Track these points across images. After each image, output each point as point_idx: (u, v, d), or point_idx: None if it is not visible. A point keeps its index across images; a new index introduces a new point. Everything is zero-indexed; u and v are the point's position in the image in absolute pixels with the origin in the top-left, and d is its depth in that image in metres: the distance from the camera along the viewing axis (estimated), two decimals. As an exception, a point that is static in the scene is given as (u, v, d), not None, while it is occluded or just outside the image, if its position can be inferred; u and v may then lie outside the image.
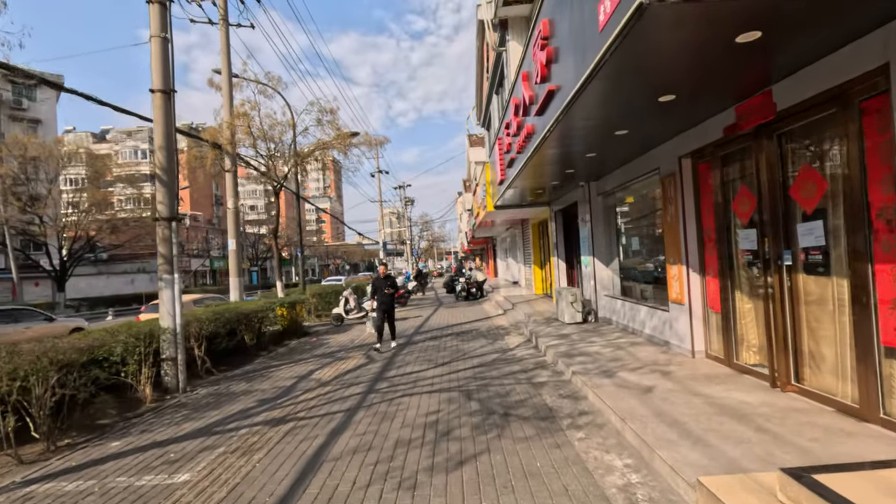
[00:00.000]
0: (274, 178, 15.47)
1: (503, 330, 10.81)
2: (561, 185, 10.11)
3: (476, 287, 20.26)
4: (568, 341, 7.84)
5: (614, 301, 9.06)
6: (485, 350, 8.48)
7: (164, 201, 7.29)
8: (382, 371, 7.40)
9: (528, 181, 9.21)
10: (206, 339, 8.32)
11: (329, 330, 13.17)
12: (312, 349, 10.09)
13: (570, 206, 11.86)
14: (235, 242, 13.07)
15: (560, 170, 8.16)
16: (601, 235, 9.60)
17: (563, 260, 12.91)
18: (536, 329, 9.38)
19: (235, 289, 13.02)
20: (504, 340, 9.35)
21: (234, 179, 13.04)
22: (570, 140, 6.08)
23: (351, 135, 15.96)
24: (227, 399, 6.39)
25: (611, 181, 8.81)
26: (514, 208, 13.55)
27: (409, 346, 9.45)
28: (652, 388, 4.88)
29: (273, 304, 11.17)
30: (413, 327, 12.35)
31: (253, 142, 13.55)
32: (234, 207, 13.10)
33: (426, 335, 10.82)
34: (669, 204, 6.41)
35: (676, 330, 6.45)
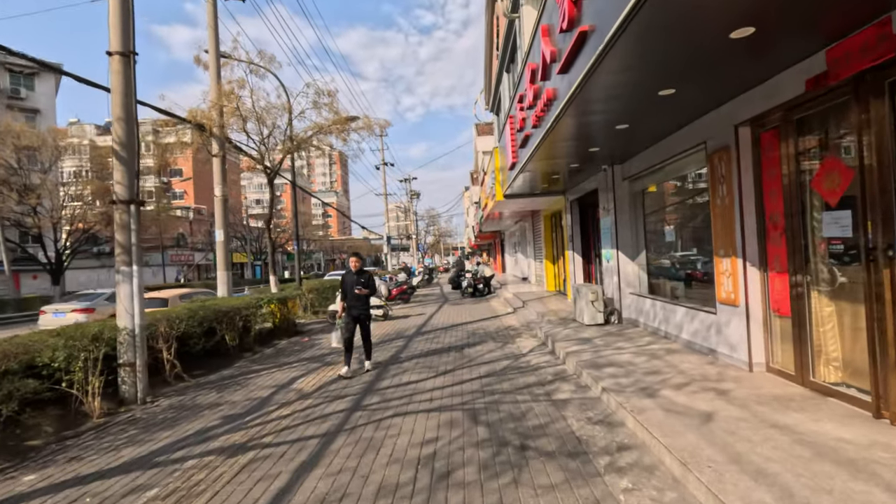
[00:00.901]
0: (268, 165, 14.44)
1: (514, 331, 9.73)
2: (579, 170, 8.99)
3: (483, 283, 19.18)
4: (591, 347, 6.75)
5: (642, 300, 7.94)
6: (494, 355, 7.41)
7: (123, 181, 6.28)
8: (374, 381, 6.36)
9: (544, 163, 8.10)
10: (177, 340, 7.35)
11: (324, 328, 12.17)
12: (302, 351, 9.08)
13: (589, 195, 10.73)
14: (223, 233, 12.08)
15: (582, 148, 7.04)
16: (626, 226, 8.47)
17: (580, 254, 11.79)
18: (552, 331, 8.29)
19: (223, 283, 12.04)
20: (515, 344, 8.27)
21: (222, 165, 12.04)
22: (600, 104, 4.97)
23: (349, 119, 14.89)
24: (189, 414, 5.38)
25: (639, 163, 7.68)
26: (525, 197, 12.43)
27: (408, 350, 8.41)
28: (712, 415, 3.79)
29: (261, 300, 10.18)
30: (414, 326, 11.31)
31: (243, 124, 12.52)
32: (222, 195, 12.10)
33: (428, 336, 9.77)
34: (719, 184, 5.28)
35: (726, 336, 5.33)
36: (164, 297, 12.73)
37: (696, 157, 5.98)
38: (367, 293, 6.81)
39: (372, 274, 7.02)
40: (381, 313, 12.82)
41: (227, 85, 11.65)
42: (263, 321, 10.05)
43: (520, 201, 13.22)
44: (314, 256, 78.16)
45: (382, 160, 37.87)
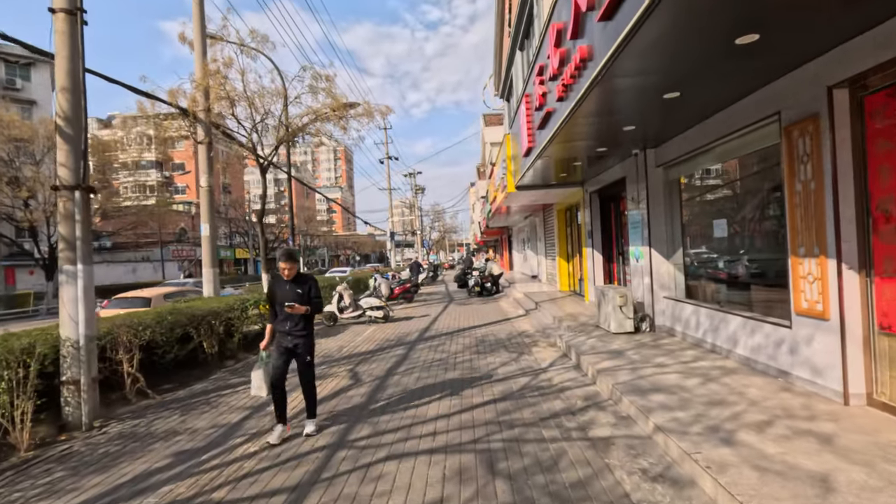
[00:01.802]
0: (261, 155, 13.42)
1: (528, 338, 8.66)
2: (605, 156, 7.89)
3: (491, 281, 18.11)
4: (625, 363, 5.66)
5: (680, 306, 6.84)
6: (508, 370, 6.34)
7: (67, 163, 5.25)
8: (367, 403, 5.31)
9: (566, 147, 6.99)
10: (143, 348, 6.35)
11: (318, 331, 11.15)
12: (289, 359, 8.05)
13: (611, 186, 9.61)
14: (209, 227, 11.06)
15: (614, 126, 5.93)
16: (660, 220, 7.36)
17: (600, 252, 10.68)
18: (574, 340, 7.21)
19: (209, 282, 11.04)
20: (532, 355, 7.20)
21: (208, 153, 11.01)
22: (653, 59, 3.87)
23: (348, 105, 13.82)
24: (137, 448, 4.36)
25: (678, 146, 6.56)
26: (538, 189, 11.32)
27: (408, 361, 7.35)
28: (827, 480, 2.70)
29: (247, 301, 9.16)
30: (417, 330, 10.26)
31: (231, 109, 11.49)
32: (208, 186, 11.08)
33: (431, 343, 8.71)
34: (802, 164, 4.17)
35: (808, 357, 4.23)
36: (147, 296, 11.78)
37: (764, 133, 4.86)
38: (305, 311, 4.31)
39: (317, 281, 4.60)
40: (380, 315, 11.79)
41: (213, 64, 10.59)
42: (250, 324, 9.04)
43: (532, 194, 12.11)
44: (318, 252, 77.39)
45: (387, 154, 36.82)
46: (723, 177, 6.11)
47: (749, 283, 5.57)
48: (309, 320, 4.53)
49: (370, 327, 11.25)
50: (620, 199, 9.89)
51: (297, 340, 4.43)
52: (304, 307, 4.31)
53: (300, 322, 4.42)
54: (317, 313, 4.54)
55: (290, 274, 4.40)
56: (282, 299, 4.34)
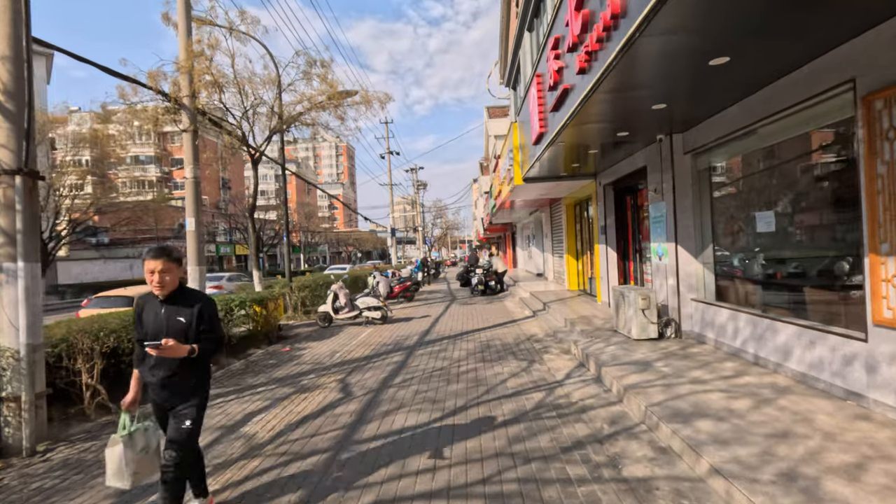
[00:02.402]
0: (252, 146, 12.68)
1: (538, 343, 7.90)
2: (623, 142, 7.11)
3: (495, 280, 17.36)
4: (656, 377, 4.90)
5: (713, 311, 6.06)
6: (519, 383, 5.59)
7: (8, 144, 4.50)
8: (356, 423, 4.57)
9: (583, 130, 6.21)
10: (109, 356, 5.64)
11: (311, 334, 10.42)
12: (276, 366, 7.33)
13: (627, 178, 8.84)
14: (195, 221, 10.32)
15: (643, 103, 5.16)
16: (687, 213, 6.58)
17: (614, 249, 9.90)
18: (591, 347, 6.45)
19: (195, 280, 10.29)
20: (545, 364, 6.44)
21: (193, 142, 10.26)
22: (708, 8, 3.10)
23: (345, 93, 13.05)
24: (75, 484, 3.63)
25: (713, 129, 5.78)
26: (548, 181, 10.55)
27: (406, 371, 6.61)
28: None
29: (231, 302, 8.43)
30: (416, 333, 9.52)
31: (219, 94, 10.74)
32: (193, 177, 10.32)
33: (432, 349, 7.97)
34: (887, 141, 3.39)
35: (892, 379, 3.47)
36: (130, 294, 11.08)
37: (831, 107, 4.07)
38: (187, 353, 2.63)
39: (214, 303, 2.87)
40: (378, 316, 11.05)
41: (198, 45, 9.82)
42: (234, 326, 8.31)
43: (541, 187, 11.34)
44: (319, 249, 76.75)
45: (388, 148, 36.02)
46: (768, 162, 5.32)
47: (801, 285, 4.80)
48: (197, 367, 2.78)
49: (367, 329, 10.52)
50: (638, 191, 9.12)
51: (175, 399, 2.76)
52: (184, 347, 2.61)
53: (181, 370, 2.71)
54: (211, 354, 2.83)
55: (163, 287, 2.69)
56: (152, 331, 2.72)
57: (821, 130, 4.36)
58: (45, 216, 25.59)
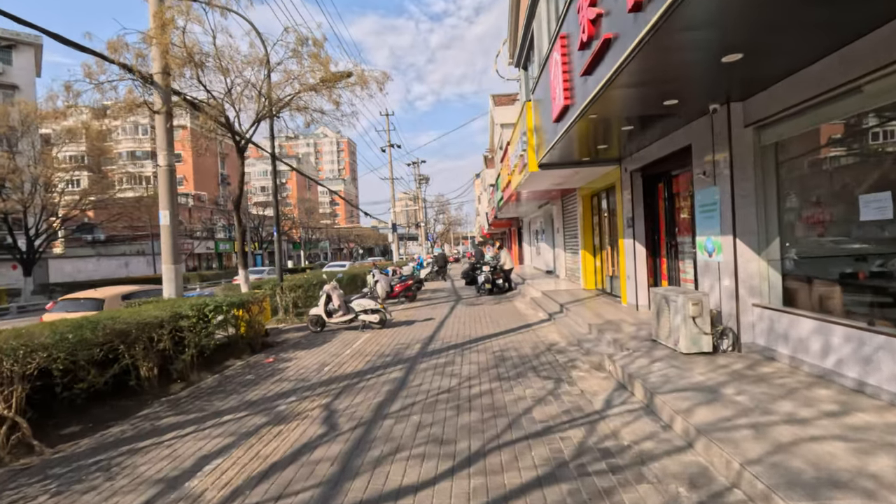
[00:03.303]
0: (238, 132, 11.52)
1: (561, 354, 6.74)
2: (666, 115, 5.92)
3: (503, 278, 16.19)
4: (734, 411, 3.73)
5: (788, 320, 4.88)
6: (548, 414, 4.43)
7: None
8: (338, 479, 3.42)
9: (626, 94, 5.01)
10: (29, 380, 4.52)
11: (301, 340, 9.29)
12: (254, 384, 6.19)
13: (660, 162, 7.66)
14: (169, 215, 9.19)
15: (713, 52, 3.96)
16: (749, 199, 5.40)
17: (643, 244, 8.72)
18: (633, 365, 5.28)
19: (170, 280, 9.19)
20: (575, 384, 5.27)
21: (166, 125, 9.10)
22: None
23: (340, 75, 11.86)
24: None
25: (790, 91, 4.58)
26: (566, 168, 9.36)
27: (405, 394, 5.45)
28: None
29: (206, 307, 7.29)
30: (419, 340, 8.36)
31: (196, 71, 9.56)
32: (167, 165, 9.19)
33: (437, 361, 6.82)
34: None
35: None
36: (100, 297, 9.98)
37: None
38: None
39: None
40: (376, 319, 9.90)
41: (170, 11, 8.62)
42: (208, 335, 7.16)
43: (557, 174, 10.15)
44: (321, 245, 75.70)
45: (388, 140, 34.82)
46: (875, 129, 4.11)
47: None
48: None
49: (363, 334, 9.38)
50: (672, 178, 7.92)
51: None
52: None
53: None
54: None
55: None
56: None
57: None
58: (31, 212, 24.55)
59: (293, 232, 64.82)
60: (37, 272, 33.17)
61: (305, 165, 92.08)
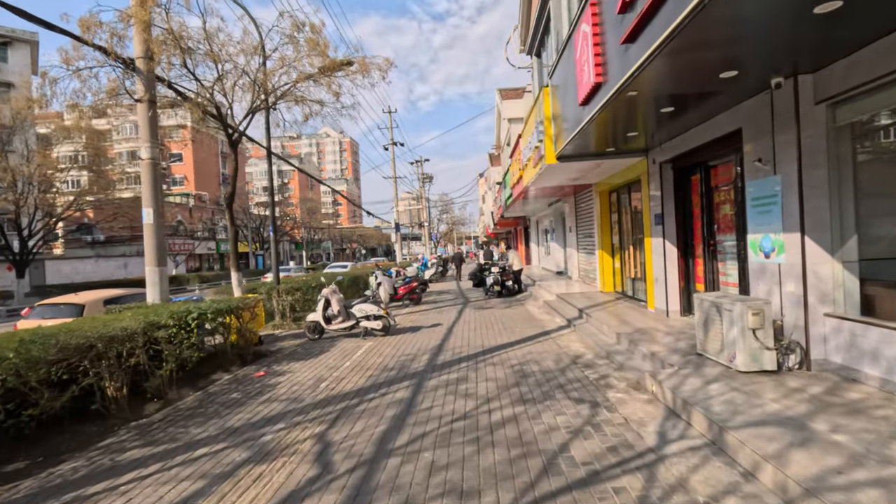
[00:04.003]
0: (231, 125, 10.75)
1: (590, 369, 5.90)
2: (712, 95, 5.09)
3: (513, 279, 15.36)
4: (843, 459, 2.90)
5: (877, 334, 4.04)
6: (590, 451, 3.60)
7: None
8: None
9: (678, 64, 4.18)
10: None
11: (297, 350, 8.49)
12: (238, 405, 5.39)
13: (698, 151, 6.82)
14: (153, 213, 8.41)
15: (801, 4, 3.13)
16: (819, 189, 4.56)
17: (674, 243, 7.88)
18: (682, 386, 4.45)
19: (154, 284, 8.42)
20: (615, 409, 4.44)
21: (149, 114, 8.32)
22: None
23: (341, 64, 11.06)
24: None
25: (879, 60, 3.75)
26: (587, 160, 8.53)
27: (412, 422, 4.63)
28: None
29: (188, 313, 6.50)
30: (426, 350, 7.55)
31: (182, 57, 8.78)
32: (151, 158, 8.40)
33: (448, 377, 6.00)
34: None
35: None
36: (80, 302, 9.20)
37: None
38: None
39: None
40: (378, 326, 9.09)
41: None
42: (191, 347, 6.36)
43: (576, 168, 9.31)
44: (323, 245, 74.98)
45: (391, 138, 34.02)
46: None
47: None
48: None
49: (365, 343, 8.58)
50: (710, 168, 7.08)
51: None
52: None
53: None
54: None
55: None
56: None
57: None
58: (25, 212, 23.88)
59: (295, 232, 64.18)
60: (33, 273, 32.57)
61: (308, 165, 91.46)
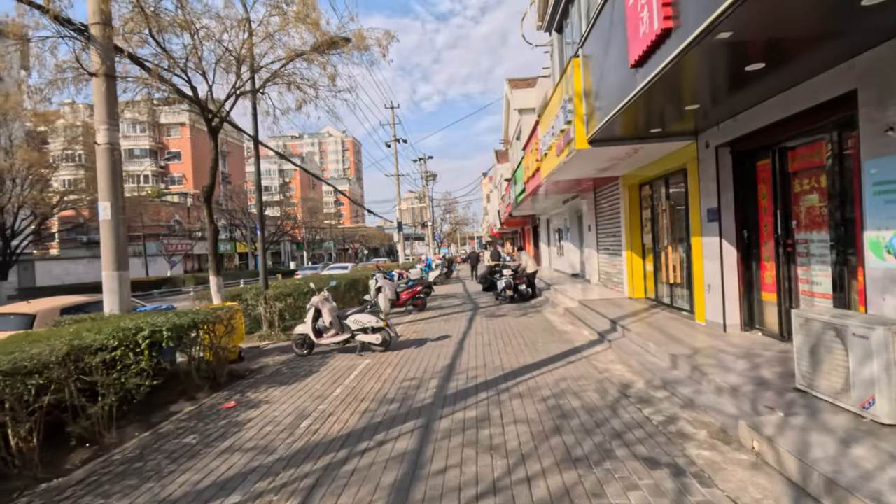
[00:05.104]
0: (212, 109, 9.46)
1: (650, 407, 4.56)
2: (827, 40, 3.75)
3: (526, 282, 14.01)
4: None
5: None
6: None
7: None
8: None
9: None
10: None
11: (281, 369, 7.18)
12: (190, 456, 4.07)
13: (768, 130, 5.51)
14: (111, 207, 7.12)
15: None
16: None
17: (733, 242, 6.53)
18: (807, 449, 3.11)
19: (112, 292, 7.14)
20: (713, 482, 3.09)
21: (107, 89, 7.03)
22: None
23: (337, 40, 9.74)
24: None
25: None
26: (626, 143, 7.18)
27: (426, 481, 3.30)
28: None
29: (138, 330, 5.18)
30: (435, 374, 6.21)
31: (147, 23, 7.46)
32: (108, 143, 7.11)
33: (465, 417, 4.66)
34: None
35: None
36: (30, 312, 7.87)
37: None
38: None
39: None
40: (377, 340, 7.77)
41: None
42: (140, 373, 5.04)
43: (607, 155, 7.98)
44: (325, 245, 73.72)
45: (394, 135, 32.75)
46: None
47: None
48: None
49: (361, 361, 7.26)
50: (788, 151, 5.72)
51: None
52: None
53: None
54: None
55: None
56: None
57: None
58: (8, 210, 22.65)
59: (296, 232, 62.88)
60: (22, 275, 31.41)
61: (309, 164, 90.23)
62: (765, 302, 6.29)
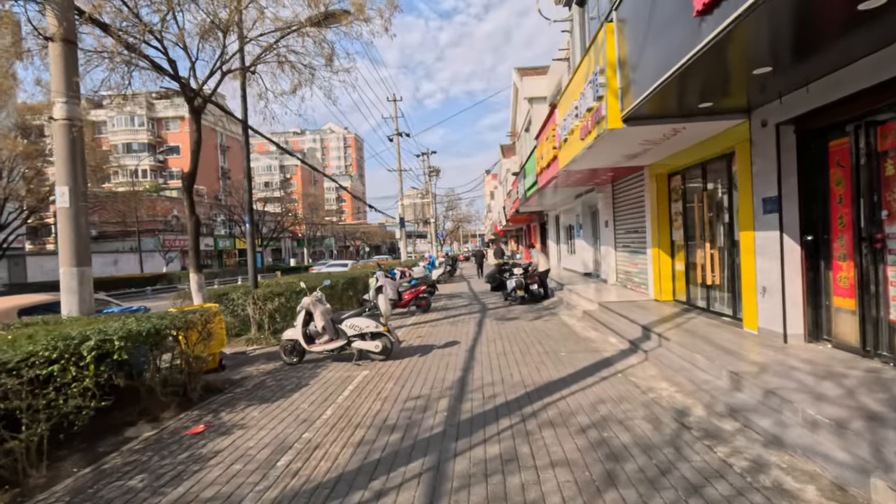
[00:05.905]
0: (193, 88, 8.48)
1: (722, 444, 3.57)
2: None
3: (538, 282, 13.02)
4: None
5: None
6: None
7: None
8: None
9: None
10: None
11: (266, 380, 6.20)
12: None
13: (845, 103, 4.55)
14: (69, 192, 6.15)
15: None
16: None
17: (796, 238, 5.53)
18: None
19: (71, 291, 6.18)
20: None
21: (68, 56, 6.05)
22: None
23: (335, 13, 8.74)
24: None
25: None
26: (668, 122, 6.15)
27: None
28: None
29: (83, 340, 4.21)
30: (444, 391, 5.23)
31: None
32: (68, 118, 6.15)
33: (485, 458, 3.67)
34: None
35: None
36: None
37: None
38: None
39: None
40: (377, 348, 6.80)
41: None
42: (84, 393, 4.08)
43: (640, 136, 6.97)
44: (326, 242, 72.76)
45: (396, 129, 31.74)
46: None
47: None
48: None
49: (358, 372, 6.29)
50: (877, 126, 4.71)
51: None
52: None
53: None
54: None
55: None
56: None
57: None
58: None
59: (297, 228, 61.90)
60: (13, 270, 30.57)
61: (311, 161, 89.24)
62: (836, 308, 5.30)
